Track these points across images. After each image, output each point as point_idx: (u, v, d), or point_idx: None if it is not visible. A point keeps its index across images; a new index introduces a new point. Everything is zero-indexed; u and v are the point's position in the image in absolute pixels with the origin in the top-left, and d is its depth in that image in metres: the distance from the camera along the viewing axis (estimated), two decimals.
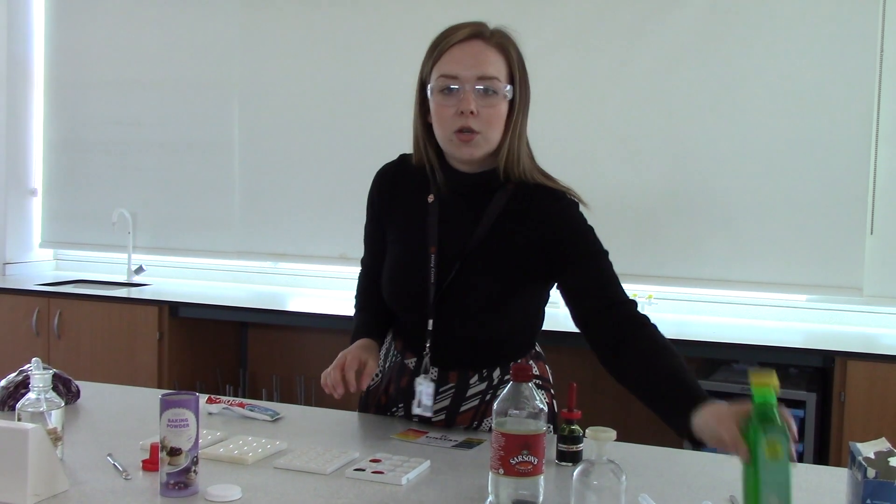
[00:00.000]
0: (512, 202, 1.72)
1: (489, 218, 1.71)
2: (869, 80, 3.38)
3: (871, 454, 1.27)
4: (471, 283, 1.71)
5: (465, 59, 1.63)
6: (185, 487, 1.39)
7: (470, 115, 1.63)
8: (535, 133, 1.80)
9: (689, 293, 3.70)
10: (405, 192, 1.80)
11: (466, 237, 1.71)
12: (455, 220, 1.74)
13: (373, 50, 4.04)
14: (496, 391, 1.77)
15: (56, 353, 3.96)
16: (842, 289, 3.46)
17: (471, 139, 1.65)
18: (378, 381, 1.92)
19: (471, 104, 1.62)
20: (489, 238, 1.71)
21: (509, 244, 1.70)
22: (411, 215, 1.77)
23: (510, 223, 1.71)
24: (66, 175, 4.69)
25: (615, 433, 1.27)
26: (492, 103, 1.65)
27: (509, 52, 1.68)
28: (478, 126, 1.64)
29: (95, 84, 4.59)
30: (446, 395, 1.79)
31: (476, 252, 1.71)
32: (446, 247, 1.72)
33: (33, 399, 1.53)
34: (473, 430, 1.80)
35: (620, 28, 3.68)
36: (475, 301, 1.71)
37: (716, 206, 3.58)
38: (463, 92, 1.63)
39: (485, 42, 1.66)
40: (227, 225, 4.38)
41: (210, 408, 1.91)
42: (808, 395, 3.05)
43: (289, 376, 4.20)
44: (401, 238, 1.80)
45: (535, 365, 1.86)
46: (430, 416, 1.78)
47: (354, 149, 4.03)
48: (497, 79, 1.64)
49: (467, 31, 1.65)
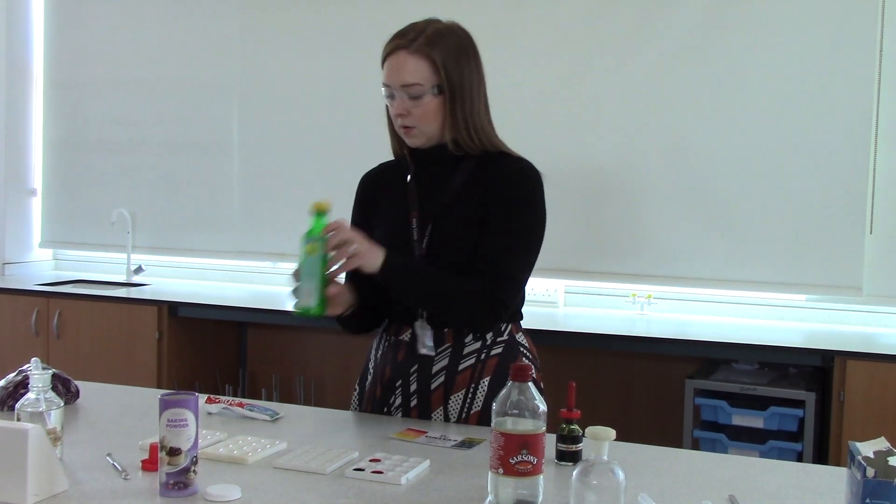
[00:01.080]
0: (478, 166, 1.91)
1: (460, 178, 1.90)
2: (868, 80, 3.38)
3: (870, 453, 1.27)
4: (448, 236, 1.88)
5: (390, 71, 1.86)
6: (184, 487, 1.39)
7: (403, 116, 1.86)
8: (534, 132, 1.85)
9: (689, 293, 3.70)
10: (387, 185, 2.01)
11: (440, 197, 1.91)
12: (430, 188, 1.93)
13: (373, 50, 4.00)
14: (490, 351, 1.88)
15: (55, 352, 3.96)
16: (841, 288, 3.46)
17: (410, 132, 1.89)
18: (371, 377, 1.98)
19: (400, 107, 1.86)
20: (461, 194, 1.89)
21: (475, 201, 1.88)
22: (393, 197, 1.97)
23: (478, 180, 1.90)
24: (66, 175, 4.69)
25: (615, 433, 1.27)
26: (418, 104, 1.85)
27: (432, 55, 1.84)
28: (412, 122, 1.87)
29: (95, 84, 4.59)
30: (444, 354, 1.88)
31: (449, 207, 1.89)
32: (425, 209, 1.91)
33: (32, 399, 1.53)
34: (471, 398, 1.86)
35: (620, 28, 3.68)
36: (455, 253, 1.87)
37: (715, 206, 3.58)
38: (397, 97, 1.86)
39: (407, 52, 1.85)
40: (226, 225, 4.38)
41: (209, 408, 1.91)
42: (808, 394, 3.05)
43: (288, 376, 4.21)
44: (385, 218, 1.97)
45: (525, 339, 1.97)
46: (433, 355, 1.88)
47: (354, 149, 4.02)
48: (418, 84, 1.84)
49: (391, 46, 1.88)
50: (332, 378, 4.15)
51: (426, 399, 1.88)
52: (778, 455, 3.00)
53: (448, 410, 1.86)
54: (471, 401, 1.86)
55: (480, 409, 1.85)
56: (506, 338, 1.91)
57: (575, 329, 3.41)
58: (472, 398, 1.86)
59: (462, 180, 1.89)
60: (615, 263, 3.69)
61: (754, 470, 1.63)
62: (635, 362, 3.69)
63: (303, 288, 1.72)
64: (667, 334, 3.31)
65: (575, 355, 3.67)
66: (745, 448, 3.06)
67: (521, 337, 1.95)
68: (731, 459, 1.80)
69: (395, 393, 1.91)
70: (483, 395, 1.86)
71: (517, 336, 1.94)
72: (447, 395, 1.87)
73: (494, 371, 1.87)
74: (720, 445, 3.09)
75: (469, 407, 1.86)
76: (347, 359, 4.06)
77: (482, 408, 1.85)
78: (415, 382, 1.89)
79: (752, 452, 3.03)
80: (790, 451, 3.04)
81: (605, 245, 3.69)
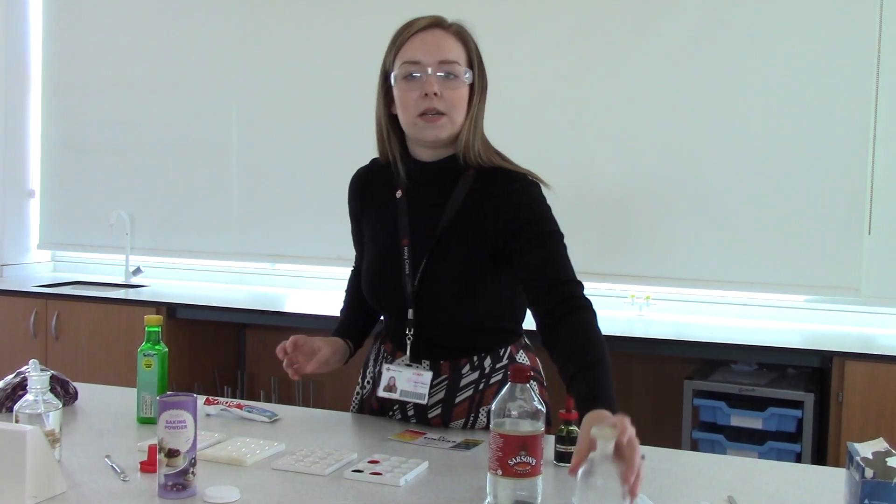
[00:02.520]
0: (474, 187, 1.77)
1: (454, 204, 1.76)
2: (866, 80, 3.38)
3: (868, 454, 1.27)
4: (442, 269, 1.75)
5: (426, 46, 1.71)
6: (183, 489, 1.39)
7: (434, 97, 1.69)
8: (532, 132, 1.83)
9: (687, 294, 3.70)
10: (375, 191, 1.88)
11: (434, 225, 1.76)
12: (423, 210, 1.79)
13: (371, 51, 4.02)
14: (489, 380, 1.81)
15: (54, 354, 3.95)
16: (840, 289, 3.46)
17: (436, 121, 1.71)
18: (370, 388, 1.94)
19: (434, 86, 1.69)
20: (455, 223, 1.76)
21: (474, 228, 1.75)
22: (382, 213, 1.84)
23: (474, 208, 1.76)
24: (64, 176, 4.68)
25: (618, 432, 1.26)
26: (454, 86, 1.71)
27: (468, 40, 1.76)
28: (443, 107, 1.70)
29: (93, 85, 4.59)
30: (440, 386, 1.81)
31: (444, 238, 1.75)
32: (417, 237, 1.77)
33: (31, 401, 1.52)
34: (471, 426, 1.81)
35: (618, 28, 3.68)
36: (448, 286, 1.75)
37: (714, 207, 3.58)
38: (426, 76, 1.70)
39: (444, 30, 1.74)
40: (225, 226, 4.37)
41: (208, 409, 1.91)
42: (806, 395, 3.05)
43: (287, 377, 4.19)
44: (375, 236, 1.86)
45: (526, 356, 1.88)
46: (424, 403, 1.79)
47: (352, 150, 3.97)
48: (458, 63, 1.72)
49: (427, 21, 1.74)
50: (330, 379, 4.14)
51: (425, 423, 1.83)
52: (777, 456, 3.00)
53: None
54: (471, 427, 1.81)
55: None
56: (505, 362, 1.82)
57: None
58: (473, 424, 1.81)
59: (456, 206, 1.75)
60: (613, 264, 3.69)
61: (753, 471, 1.63)
62: (634, 363, 3.69)
63: (144, 399, 1.83)
64: (665, 335, 3.30)
65: None
66: (744, 449, 3.06)
67: (522, 355, 1.87)
68: (730, 460, 1.80)
69: (394, 410, 1.87)
70: (483, 423, 1.79)
71: (517, 356, 1.85)
72: (445, 423, 1.82)
73: (494, 399, 1.81)
74: (719, 446, 3.09)
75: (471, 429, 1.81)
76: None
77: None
78: (412, 409, 1.84)
79: (750, 453, 3.03)
80: (789, 451, 3.04)
81: (603, 246, 3.69)
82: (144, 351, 1.83)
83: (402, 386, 1.80)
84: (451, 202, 1.76)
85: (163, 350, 1.85)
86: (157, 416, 1.41)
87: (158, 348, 1.84)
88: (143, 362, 1.83)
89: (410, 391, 1.80)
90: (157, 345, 1.85)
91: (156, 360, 1.83)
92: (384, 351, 1.90)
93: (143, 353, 1.83)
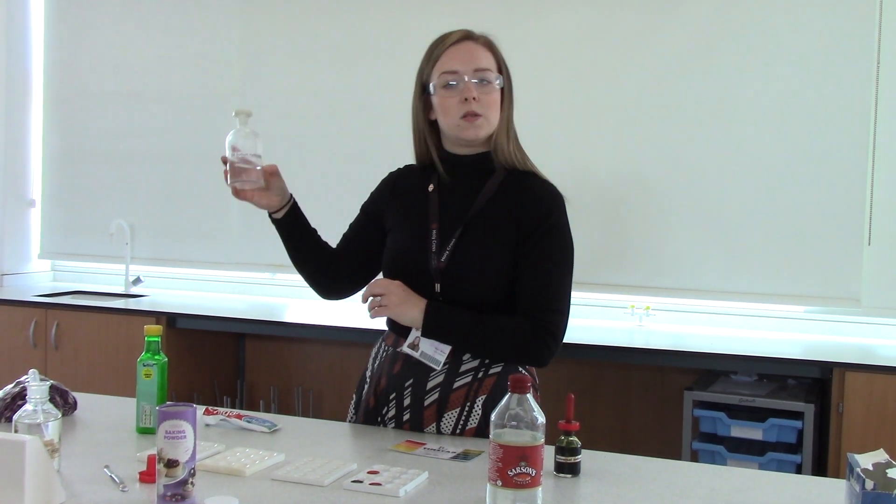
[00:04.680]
0: (506, 182, 1.91)
1: (484, 196, 1.90)
2: (866, 91, 3.39)
3: (869, 465, 1.27)
4: (470, 254, 1.86)
5: (461, 56, 1.88)
6: (182, 499, 1.39)
7: (472, 101, 1.85)
8: (533, 139, 1.88)
9: (687, 304, 3.70)
10: (408, 188, 2.01)
11: (464, 214, 1.89)
12: (454, 201, 1.92)
13: (373, 60, 4.06)
14: (488, 370, 1.86)
15: (53, 364, 3.95)
16: (840, 300, 3.46)
17: (476, 120, 1.87)
18: (367, 386, 1.98)
19: (472, 91, 1.86)
20: (484, 213, 1.89)
21: (500, 220, 1.88)
22: (412, 204, 1.97)
23: (504, 200, 1.90)
24: (65, 186, 4.69)
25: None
26: (488, 91, 1.88)
27: (495, 50, 1.94)
28: (480, 109, 1.87)
29: (94, 95, 4.60)
30: (441, 370, 1.86)
31: (472, 225, 1.88)
32: (446, 222, 1.90)
33: (30, 410, 1.52)
34: (465, 419, 1.84)
35: (618, 37, 3.70)
36: (475, 267, 1.86)
37: (714, 218, 3.59)
38: (463, 83, 1.86)
39: (475, 42, 1.92)
40: (225, 236, 4.38)
41: (207, 419, 1.91)
42: (807, 406, 3.05)
43: (286, 388, 4.20)
44: (402, 224, 1.97)
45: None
46: (437, 368, 1.86)
47: (354, 160, 4.04)
48: (490, 70, 1.89)
49: (460, 34, 1.92)
50: (330, 389, 4.14)
51: (419, 414, 1.87)
52: (777, 467, 2.99)
53: (441, 427, 1.85)
54: (465, 418, 1.85)
55: (475, 427, 1.84)
56: None
57: (573, 341, 3.39)
58: (467, 416, 1.85)
59: (488, 197, 1.89)
60: (613, 275, 3.69)
61: (754, 482, 1.63)
62: (634, 374, 3.69)
63: (143, 409, 1.85)
64: (665, 346, 3.30)
65: (573, 367, 3.67)
66: (744, 460, 3.06)
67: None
68: (731, 471, 1.80)
69: (389, 405, 1.91)
70: (479, 414, 1.84)
71: None
72: (441, 412, 1.85)
73: (491, 390, 1.85)
74: (719, 457, 3.09)
75: (463, 424, 1.84)
76: (346, 370, 4.06)
77: (477, 425, 1.84)
78: (409, 397, 1.88)
79: (751, 464, 3.02)
80: (789, 462, 3.04)
81: (603, 257, 3.69)
82: (144, 361, 1.85)
83: (424, 348, 1.87)
84: (481, 195, 1.90)
85: (162, 360, 1.85)
86: (156, 427, 1.40)
87: (158, 358, 1.85)
88: (142, 372, 1.84)
89: (430, 354, 1.86)
90: (157, 355, 1.85)
91: (155, 370, 1.84)
92: (384, 346, 1.97)
93: (143, 362, 1.84)
